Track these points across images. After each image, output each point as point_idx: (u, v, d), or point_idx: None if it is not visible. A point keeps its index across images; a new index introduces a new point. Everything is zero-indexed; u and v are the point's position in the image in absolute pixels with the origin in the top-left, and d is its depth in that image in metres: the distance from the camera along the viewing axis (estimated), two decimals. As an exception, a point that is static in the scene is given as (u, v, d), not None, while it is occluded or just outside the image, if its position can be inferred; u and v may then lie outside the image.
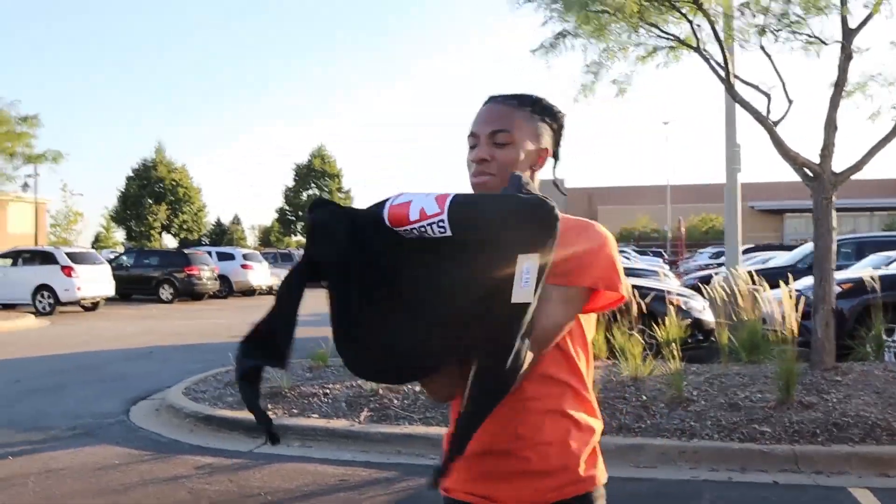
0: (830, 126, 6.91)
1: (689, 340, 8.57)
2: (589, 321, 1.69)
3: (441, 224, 1.33)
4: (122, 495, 4.82)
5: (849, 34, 6.73)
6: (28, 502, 4.71)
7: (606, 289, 1.55)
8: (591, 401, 1.66)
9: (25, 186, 29.71)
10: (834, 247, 7.16)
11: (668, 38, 7.43)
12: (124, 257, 26.28)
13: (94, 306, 20.58)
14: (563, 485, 1.57)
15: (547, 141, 1.67)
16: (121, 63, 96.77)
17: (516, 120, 1.62)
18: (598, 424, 1.67)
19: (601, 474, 1.64)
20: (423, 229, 1.35)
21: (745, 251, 23.96)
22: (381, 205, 1.41)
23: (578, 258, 1.52)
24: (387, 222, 1.39)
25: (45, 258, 19.88)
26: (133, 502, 4.69)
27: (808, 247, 11.53)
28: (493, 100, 1.67)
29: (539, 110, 1.67)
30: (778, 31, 6.88)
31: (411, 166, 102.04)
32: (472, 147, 1.65)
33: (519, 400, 1.53)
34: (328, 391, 6.95)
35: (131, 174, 51.88)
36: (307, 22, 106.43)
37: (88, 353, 11.46)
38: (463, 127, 1.68)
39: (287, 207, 57.64)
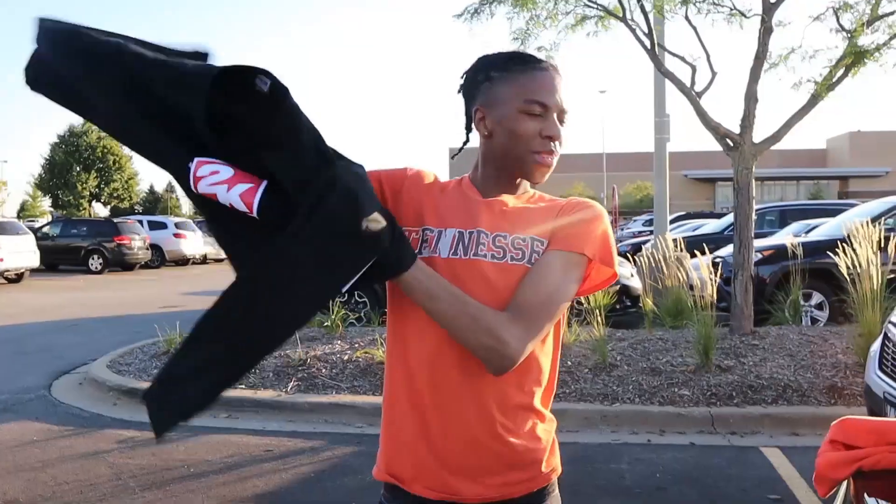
0: (751, 98, 7.07)
1: (618, 306, 8.77)
2: None
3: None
4: (40, 472, 4.70)
5: (769, 8, 6.87)
6: (-62, 481, 4.56)
7: (602, 263, 1.44)
8: (553, 390, 1.56)
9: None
10: (754, 215, 7.37)
11: (595, 7, 7.47)
12: (50, 227, 25.40)
13: (18, 278, 19.85)
14: (530, 478, 1.48)
15: None
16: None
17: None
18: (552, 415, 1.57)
19: (559, 465, 1.56)
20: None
21: (677, 219, 24.53)
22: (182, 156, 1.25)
23: (577, 226, 1.42)
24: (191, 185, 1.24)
25: (-35, 228, 19.07)
26: (50, 479, 4.58)
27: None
28: (547, 64, 1.48)
29: None
30: (701, 2, 6.99)
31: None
32: (535, 115, 1.43)
33: (497, 389, 1.42)
34: (257, 362, 6.88)
35: (56, 140, 50.02)
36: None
37: (10, 327, 11.08)
38: (396, 96, 1.51)
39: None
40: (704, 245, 9.48)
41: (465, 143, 1.61)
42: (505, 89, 1.45)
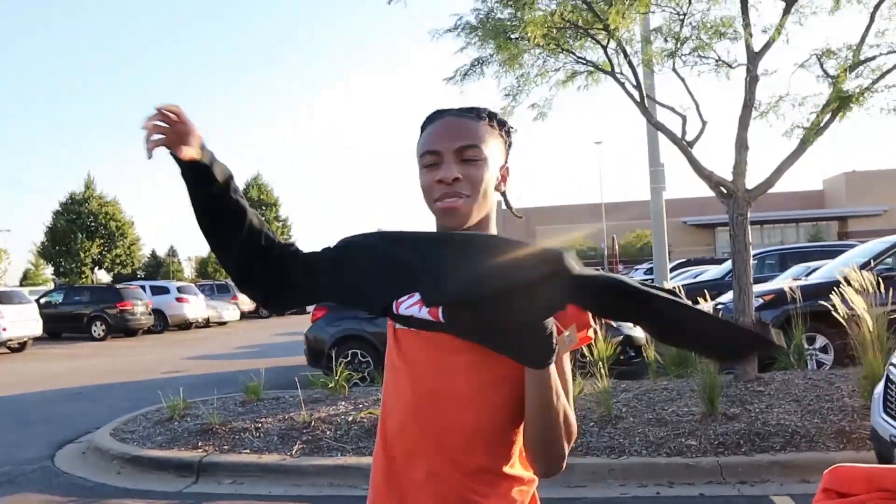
0: (741, 145, 7.18)
1: (621, 357, 8.73)
2: None
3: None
4: (43, 545, 4.66)
5: (753, 58, 7.03)
6: (-60, 559, 4.51)
7: (582, 326, 1.36)
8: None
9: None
10: (751, 260, 7.40)
11: (584, 63, 7.64)
12: (53, 294, 25.46)
13: (21, 347, 19.82)
14: None
15: (505, 157, 1.51)
16: (44, 95, 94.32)
17: (482, 133, 1.44)
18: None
19: None
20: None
21: (678, 266, 24.58)
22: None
23: None
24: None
25: (-32, 299, 19.10)
26: (53, 552, 4.54)
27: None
28: (446, 113, 1.47)
29: (497, 124, 1.49)
30: (687, 55, 7.15)
31: (347, 192, 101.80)
32: (430, 166, 1.42)
33: (474, 461, 1.38)
34: (260, 425, 6.85)
35: (59, 209, 50.38)
36: (226, 49, 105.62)
37: (12, 397, 11.03)
38: (379, 154, 1.58)
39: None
40: (706, 292, 9.50)
41: None
42: (417, 150, 1.48)
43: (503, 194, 1.52)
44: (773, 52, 7.15)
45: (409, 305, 1.37)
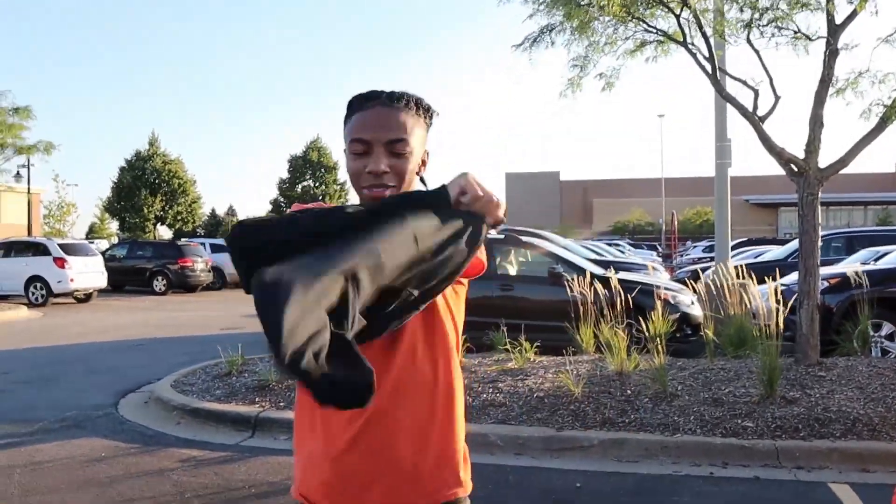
0: (816, 122, 6.92)
1: (677, 335, 8.61)
2: (458, 306, 1.62)
3: None
4: (108, 488, 4.84)
5: (834, 30, 6.74)
6: (12, 494, 4.73)
7: None
8: (461, 398, 1.60)
9: (18, 177, 29.56)
10: (819, 242, 7.18)
11: (655, 33, 7.44)
12: (118, 248, 26.23)
13: (87, 298, 20.56)
14: (437, 489, 1.51)
15: (424, 133, 1.60)
16: (113, 53, 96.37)
17: (410, 126, 1.53)
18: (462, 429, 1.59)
19: (469, 482, 1.58)
20: None
21: (739, 244, 24.02)
22: None
23: None
24: None
25: (38, 249, 19.83)
26: (117, 495, 4.71)
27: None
28: (376, 101, 1.53)
29: (423, 112, 1.58)
30: (764, 26, 6.89)
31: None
32: (359, 154, 1.51)
33: (399, 395, 1.48)
34: (316, 384, 6.96)
35: (125, 165, 51.65)
36: (302, 18, 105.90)
37: (79, 345, 11.47)
38: (454, 120, 1.62)
39: (282, 199, 57.47)
40: (774, 272, 9.26)
41: None
42: (344, 133, 1.56)
43: (422, 179, 1.60)
44: (856, 24, 6.85)
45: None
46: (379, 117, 1.51)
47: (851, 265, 9.79)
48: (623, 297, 7.61)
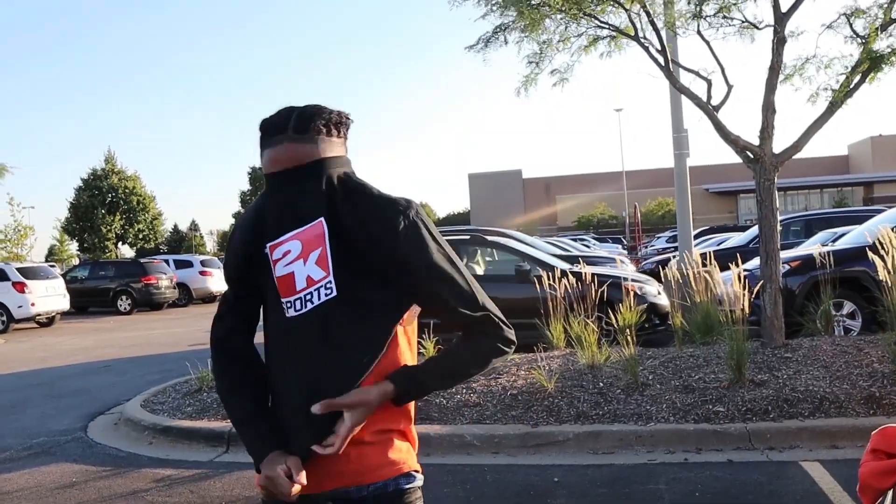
0: (768, 109, 7.05)
1: (646, 325, 8.71)
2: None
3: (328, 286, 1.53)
4: (80, 513, 4.75)
5: (781, 18, 6.88)
6: (-18, 527, 4.62)
7: None
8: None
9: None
10: (778, 226, 7.31)
11: (607, 28, 7.51)
12: (79, 270, 25.78)
13: (49, 321, 20.17)
14: (379, 466, 1.62)
15: (342, 148, 1.62)
16: (65, 70, 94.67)
17: (317, 154, 1.55)
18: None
19: (411, 460, 1.68)
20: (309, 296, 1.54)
21: (701, 233, 24.37)
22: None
23: None
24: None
25: (-4, 275, 19.40)
26: (91, 520, 4.63)
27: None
28: (284, 135, 1.54)
29: (335, 129, 1.59)
30: (712, 16, 7.00)
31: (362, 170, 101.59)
32: None
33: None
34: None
35: (81, 184, 50.81)
36: (257, 30, 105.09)
37: (44, 370, 11.24)
38: (415, 125, 1.64)
39: (243, 211, 57.05)
40: (735, 257, 9.40)
41: None
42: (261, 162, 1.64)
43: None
44: (801, 12, 7.00)
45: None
46: (288, 155, 1.54)
47: (811, 247, 9.98)
48: (593, 291, 7.67)
